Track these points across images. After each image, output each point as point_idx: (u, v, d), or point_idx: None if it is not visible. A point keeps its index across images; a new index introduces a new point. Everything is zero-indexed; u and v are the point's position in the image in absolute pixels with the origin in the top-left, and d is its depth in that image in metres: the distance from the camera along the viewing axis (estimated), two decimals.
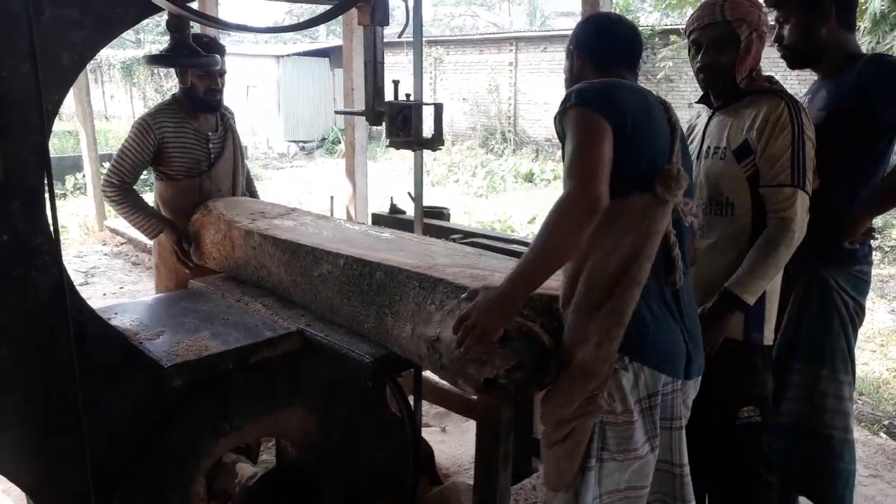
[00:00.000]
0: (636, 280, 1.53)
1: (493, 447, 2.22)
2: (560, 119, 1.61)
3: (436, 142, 2.39)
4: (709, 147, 2.14)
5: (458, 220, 8.53)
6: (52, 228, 1.68)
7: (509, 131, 16.02)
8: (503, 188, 12.07)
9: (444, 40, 17.94)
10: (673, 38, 12.43)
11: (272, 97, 17.37)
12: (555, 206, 1.48)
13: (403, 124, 2.35)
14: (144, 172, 2.88)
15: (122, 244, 7.57)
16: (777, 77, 2.14)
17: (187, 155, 2.83)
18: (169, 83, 18.28)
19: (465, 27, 27.89)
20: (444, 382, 1.85)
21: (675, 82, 12.87)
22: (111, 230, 7.85)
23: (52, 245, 1.68)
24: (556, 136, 1.67)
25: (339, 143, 15.99)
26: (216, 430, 2.05)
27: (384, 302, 1.84)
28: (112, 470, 1.85)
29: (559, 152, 1.97)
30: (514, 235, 3.44)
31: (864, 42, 7.50)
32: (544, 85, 15.22)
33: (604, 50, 1.76)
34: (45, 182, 1.64)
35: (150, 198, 2.99)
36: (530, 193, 11.48)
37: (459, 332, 1.52)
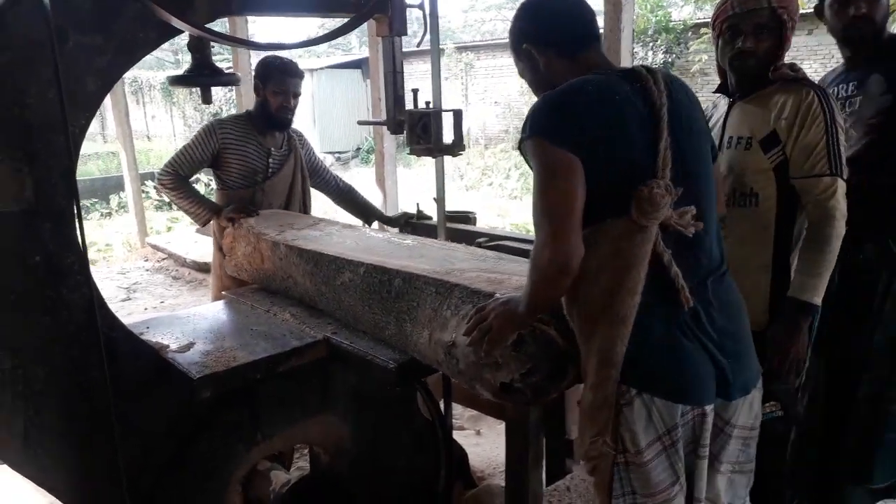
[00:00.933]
0: (620, 317, 1.39)
1: (522, 448, 2.21)
2: (521, 147, 1.47)
3: (456, 147, 2.40)
4: (731, 137, 2.11)
5: (491, 223, 8.57)
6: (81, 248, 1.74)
7: None
8: None
9: (475, 45, 17.97)
10: (704, 31, 12.27)
11: (307, 110, 17.61)
12: (531, 260, 1.42)
13: (423, 131, 2.37)
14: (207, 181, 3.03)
15: (162, 259, 7.76)
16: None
17: (245, 164, 2.95)
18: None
19: (497, 31, 27.86)
20: (462, 385, 1.86)
21: (709, 76, 12.66)
22: (152, 246, 8.07)
23: (82, 264, 1.74)
24: None
25: (373, 152, 16.13)
26: (248, 439, 2.09)
27: (403, 308, 1.86)
28: (146, 481, 1.90)
29: None
30: None
31: None
32: None
33: (566, 31, 1.58)
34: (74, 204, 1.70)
35: None
36: None
37: (472, 324, 1.53)
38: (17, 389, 1.69)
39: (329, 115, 17.84)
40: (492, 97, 16.97)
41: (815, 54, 12.26)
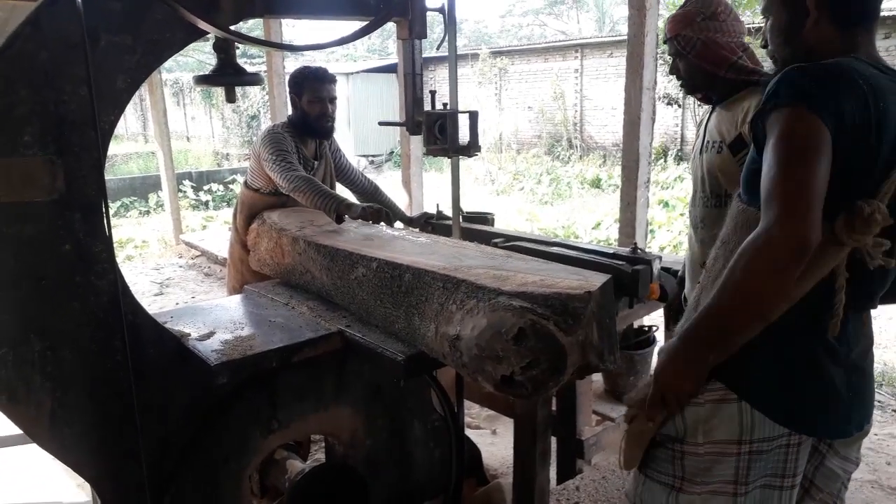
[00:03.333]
0: (762, 316, 1.27)
1: (530, 445, 2.26)
2: (760, 122, 1.30)
3: (471, 148, 2.45)
4: (708, 141, 2.22)
5: (520, 227, 8.58)
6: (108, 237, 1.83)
7: (575, 137, 15.92)
8: (569, 194, 12.01)
9: (509, 50, 18.00)
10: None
11: (342, 113, 17.83)
12: (748, 245, 1.21)
13: (440, 132, 2.43)
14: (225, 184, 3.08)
15: (196, 257, 7.95)
16: None
17: None
18: (245, 103, 19.06)
19: (534, 36, 27.87)
20: (466, 377, 1.91)
21: None
22: (186, 243, 8.27)
23: (108, 253, 1.83)
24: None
25: None
26: (265, 426, 2.16)
27: (412, 302, 1.91)
28: (167, 462, 1.99)
29: None
30: (556, 238, 3.45)
31: None
32: (611, 90, 15.09)
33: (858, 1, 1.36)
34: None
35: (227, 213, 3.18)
36: (597, 199, 11.37)
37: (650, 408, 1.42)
38: (46, 370, 1.78)
39: (364, 118, 18.05)
40: (525, 102, 16.98)
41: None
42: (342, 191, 3.37)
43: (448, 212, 3.19)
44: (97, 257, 1.82)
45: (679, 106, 13.61)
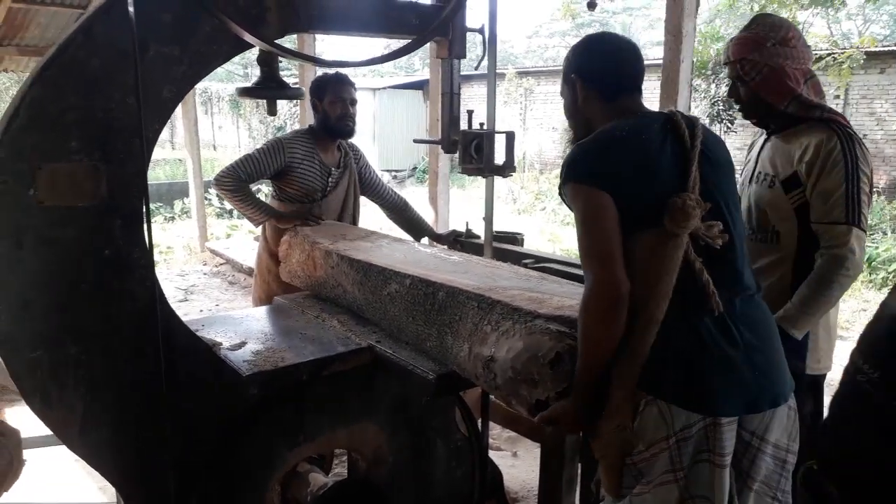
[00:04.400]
0: (653, 318, 1.49)
1: (557, 471, 2.23)
2: (561, 193, 1.63)
3: (507, 168, 2.45)
4: (759, 172, 2.14)
5: (542, 247, 8.56)
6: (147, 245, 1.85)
7: None
8: None
9: (535, 71, 18.06)
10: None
11: (368, 128, 17.98)
12: (582, 303, 1.51)
13: (476, 152, 2.43)
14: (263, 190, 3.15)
15: (220, 265, 8.01)
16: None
17: (307, 183, 3.07)
18: None
19: (559, 58, 27.91)
20: (499, 400, 1.89)
21: None
22: (211, 251, 8.33)
23: (147, 259, 1.84)
24: None
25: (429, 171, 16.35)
26: (292, 439, 2.16)
27: (445, 321, 1.90)
28: (192, 470, 1.99)
29: None
30: None
31: None
32: None
33: (613, 78, 1.72)
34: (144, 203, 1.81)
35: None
36: None
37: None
38: (80, 374, 1.79)
39: (388, 133, 18.18)
40: (550, 123, 17.00)
41: (886, 94, 11.92)
42: (366, 209, 3.40)
43: (476, 230, 3.20)
44: (136, 263, 1.83)
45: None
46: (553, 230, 10.37)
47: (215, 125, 22.75)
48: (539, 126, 17.20)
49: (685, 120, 1.64)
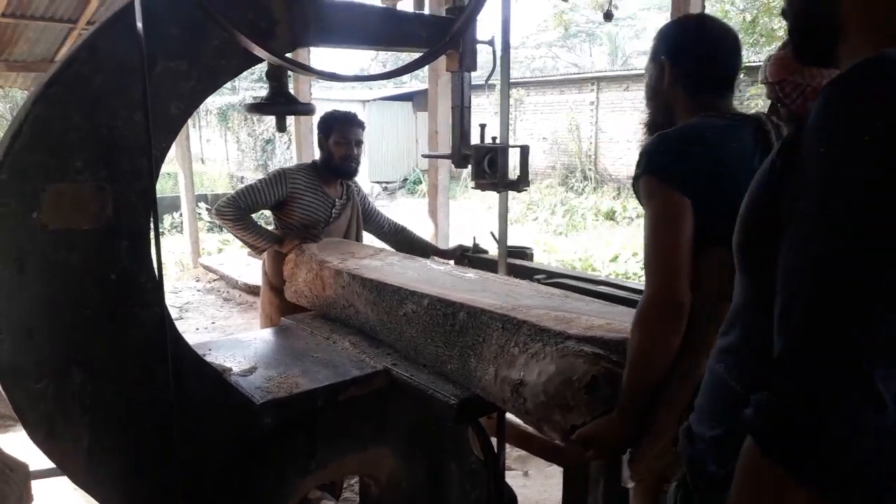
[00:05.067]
0: (706, 343, 1.36)
1: (581, 496, 2.16)
2: (635, 183, 1.52)
3: (521, 183, 2.39)
4: None
5: (538, 258, 8.49)
6: (155, 268, 1.77)
7: (590, 169, 15.90)
8: (583, 226, 11.94)
9: (525, 82, 18.09)
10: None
11: None
12: (638, 313, 1.42)
13: (490, 167, 2.37)
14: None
15: (214, 280, 7.89)
16: None
17: (309, 213, 3.03)
18: (260, 128, 19.15)
19: (546, 68, 28.00)
20: (528, 426, 1.82)
21: None
22: (205, 267, 8.22)
23: (154, 284, 1.77)
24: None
25: (420, 183, 16.30)
26: (303, 467, 2.08)
27: (467, 343, 1.83)
28: (202, 499, 1.90)
29: None
30: (599, 276, 3.38)
31: None
32: (626, 123, 15.09)
33: (704, 72, 1.56)
34: (151, 223, 1.74)
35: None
36: (612, 231, 11.30)
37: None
38: (86, 403, 1.71)
39: (379, 145, 18.11)
40: (540, 133, 17.02)
41: None
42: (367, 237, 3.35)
43: (483, 244, 3.14)
44: (143, 287, 1.76)
45: None
46: (547, 240, 10.33)
47: (203, 138, 22.60)
48: (529, 136, 17.20)
49: (775, 129, 1.53)
